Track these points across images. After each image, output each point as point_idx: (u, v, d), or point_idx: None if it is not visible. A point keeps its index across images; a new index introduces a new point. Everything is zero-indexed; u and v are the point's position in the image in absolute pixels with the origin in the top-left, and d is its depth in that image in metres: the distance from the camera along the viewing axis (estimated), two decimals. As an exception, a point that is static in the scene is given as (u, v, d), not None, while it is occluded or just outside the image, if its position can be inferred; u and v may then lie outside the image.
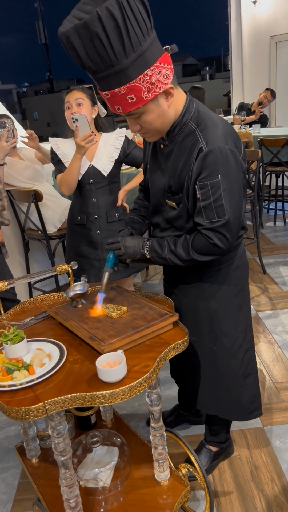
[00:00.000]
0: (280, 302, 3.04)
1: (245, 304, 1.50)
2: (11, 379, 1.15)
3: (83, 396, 1.07)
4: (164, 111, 1.20)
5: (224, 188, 1.21)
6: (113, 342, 1.23)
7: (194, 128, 1.24)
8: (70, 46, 1.07)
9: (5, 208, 2.17)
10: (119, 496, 1.43)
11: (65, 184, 2.05)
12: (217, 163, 1.19)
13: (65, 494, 1.24)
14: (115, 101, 1.15)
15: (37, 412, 1.04)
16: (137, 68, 1.08)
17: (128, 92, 1.11)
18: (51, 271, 1.64)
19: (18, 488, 1.74)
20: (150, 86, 1.12)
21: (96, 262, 2.18)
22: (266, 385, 2.20)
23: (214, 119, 1.24)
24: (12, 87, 46.17)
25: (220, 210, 1.22)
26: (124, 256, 1.43)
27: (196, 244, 1.29)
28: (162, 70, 1.12)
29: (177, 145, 1.29)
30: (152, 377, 1.14)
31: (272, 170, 4.44)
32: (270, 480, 1.66)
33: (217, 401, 1.56)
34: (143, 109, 1.17)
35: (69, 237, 2.28)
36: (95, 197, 2.12)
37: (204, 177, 1.21)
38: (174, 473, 1.47)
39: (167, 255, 1.35)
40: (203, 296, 1.45)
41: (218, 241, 1.25)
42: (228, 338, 1.47)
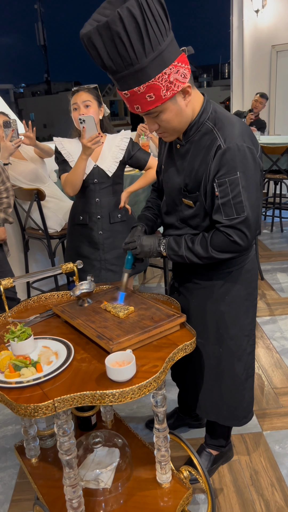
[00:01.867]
0: (278, 308, 3.06)
1: (252, 308, 1.50)
2: (18, 376, 1.14)
3: (92, 395, 1.06)
4: (182, 109, 1.21)
5: (242, 185, 1.21)
6: (121, 342, 1.22)
7: (211, 127, 1.25)
8: (92, 47, 1.09)
9: (11, 206, 2.16)
10: (120, 497, 1.42)
11: (69, 184, 2.04)
12: (235, 160, 1.20)
13: (68, 494, 1.22)
14: (134, 100, 1.16)
15: (46, 409, 1.03)
16: (156, 67, 1.10)
17: (147, 91, 1.13)
18: (56, 270, 1.63)
19: (16, 488, 1.72)
20: (169, 85, 1.13)
21: (97, 262, 2.18)
22: (265, 390, 2.21)
23: (231, 118, 1.26)
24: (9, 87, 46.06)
25: (239, 207, 1.23)
26: (141, 255, 1.44)
27: (215, 241, 1.29)
28: (180, 70, 1.14)
29: (194, 145, 1.30)
30: (161, 377, 1.14)
31: (271, 177, 4.47)
32: (270, 485, 1.65)
33: (218, 407, 1.56)
34: (162, 108, 1.18)
35: (69, 236, 2.27)
36: (98, 197, 2.12)
37: (223, 174, 1.22)
38: (175, 475, 1.46)
39: (184, 253, 1.35)
40: (212, 298, 1.45)
41: (238, 238, 1.26)
42: (234, 341, 1.47)
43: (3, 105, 3.45)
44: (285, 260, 3.94)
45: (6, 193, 2.13)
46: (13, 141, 2.38)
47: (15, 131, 2.39)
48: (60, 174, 2.14)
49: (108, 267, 2.18)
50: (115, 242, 2.17)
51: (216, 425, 1.67)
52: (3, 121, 2.41)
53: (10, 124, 2.39)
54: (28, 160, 2.89)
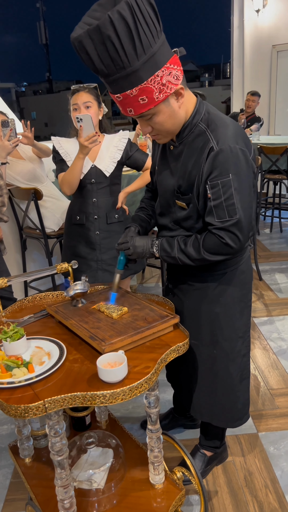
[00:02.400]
0: (276, 308, 3.05)
1: (247, 309, 1.49)
2: (10, 376, 1.14)
3: (83, 396, 1.06)
4: (175, 111, 1.21)
5: (235, 187, 1.21)
6: (113, 342, 1.22)
7: (204, 128, 1.25)
8: (83, 50, 1.08)
9: (4, 205, 2.16)
10: (113, 498, 1.42)
11: (66, 184, 2.04)
12: (228, 162, 1.20)
13: (60, 494, 1.22)
14: (127, 103, 1.16)
15: (37, 410, 1.03)
16: (148, 69, 1.09)
17: (139, 94, 1.12)
18: (51, 270, 1.63)
19: (10, 488, 1.72)
20: (161, 87, 1.13)
21: (93, 263, 2.17)
22: (261, 391, 2.20)
23: (224, 120, 1.25)
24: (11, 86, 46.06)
25: (231, 209, 1.23)
26: (133, 256, 1.44)
27: (207, 243, 1.29)
28: (172, 71, 1.14)
29: (187, 146, 1.29)
30: (153, 378, 1.14)
31: (270, 177, 4.46)
32: (264, 486, 1.65)
33: (212, 409, 1.56)
34: (155, 110, 1.18)
35: (66, 236, 2.27)
36: (95, 197, 2.12)
37: (215, 176, 1.22)
38: (169, 476, 1.46)
39: (177, 254, 1.35)
40: (206, 300, 1.45)
41: (230, 241, 1.25)
42: (228, 342, 1.47)
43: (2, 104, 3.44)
44: (284, 261, 3.94)
45: (0, 192, 2.13)
46: (11, 141, 2.38)
47: (13, 130, 2.39)
48: (57, 173, 2.14)
49: (104, 268, 2.18)
50: (112, 242, 2.17)
51: (211, 426, 1.66)
52: (1, 120, 2.40)
53: (8, 123, 2.39)
54: (26, 159, 2.89)
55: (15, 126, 2.39)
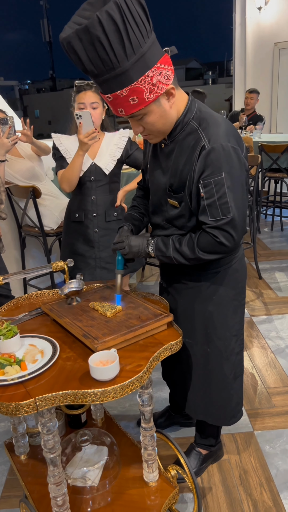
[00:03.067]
0: (275, 307, 3.05)
1: (240, 308, 1.49)
2: (3, 374, 1.15)
3: (74, 394, 1.06)
4: (166, 111, 1.20)
5: (228, 185, 1.21)
6: (106, 341, 1.22)
7: (196, 127, 1.24)
8: (72, 51, 1.08)
9: (2, 202, 2.16)
10: (107, 495, 1.43)
11: (66, 180, 2.05)
12: (220, 161, 1.19)
13: (52, 492, 1.23)
14: (118, 104, 1.16)
15: (28, 408, 1.03)
16: (138, 70, 1.09)
17: (130, 94, 1.12)
18: (47, 268, 1.63)
19: (5, 485, 1.73)
20: (152, 87, 1.12)
21: (92, 260, 2.18)
22: (258, 390, 2.20)
23: (216, 118, 1.25)
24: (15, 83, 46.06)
25: (224, 208, 1.22)
26: (129, 255, 1.44)
27: (202, 242, 1.29)
28: (163, 71, 1.13)
29: (178, 144, 1.29)
30: (145, 376, 1.14)
31: (271, 176, 4.45)
32: (259, 484, 1.65)
33: (206, 407, 1.56)
34: (145, 110, 1.17)
35: (65, 234, 2.28)
36: (94, 195, 2.12)
37: (208, 175, 1.21)
38: (163, 474, 1.47)
39: (172, 254, 1.35)
40: (199, 298, 1.45)
41: (224, 239, 1.25)
42: (222, 341, 1.47)
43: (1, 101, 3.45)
44: (285, 259, 3.93)
45: None
46: (10, 138, 2.38)
47: (12, 128, 2.39)
48: (57, 170, 2.14)
49: (103, 265, 2.19)
50: (111, 240, 2.17)
51: (206, 424, 1.67)
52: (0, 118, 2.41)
53: (7, 121, 2.39)
54: (25, 157, 2.89)
55: (14, 123, 2.39)
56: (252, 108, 5.37)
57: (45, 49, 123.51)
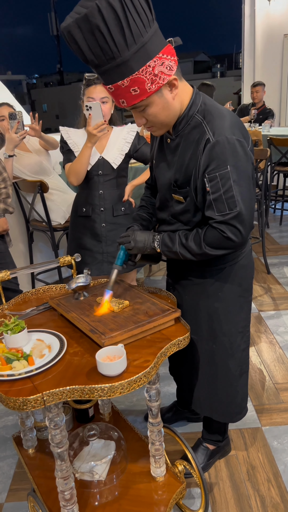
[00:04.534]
0: (283, 302, 3.03)
1: (247, 305, 1.48)
2: (10, 368, 1.15)
3: (81, 389, 1.06)
4: (168, 103, 1.18)
5: (234, 179, 1.18)
6: (113, 336, 1.22)
7: (200, 120, 1.22)
8: (72, 40, 1.06)
9: (9, 196, 2.16)
10: (114, 490, 1.43)
11: (74, 173, 2.04)
12: (225, 154, 1.17)
13: (60, 486, 1.23)
14: (119, 94, 1.14)
15: (35, 403, 1.03)
16: (139, 59, 1.07)
17: (131, 85, 1.10)
18: (54, 263, 1.63)
19: (14, 478, 1.75)
20: (153, 78, 1.10)
21: (99, 255, 2.17)
22: (266, 385, 2.19)
23: (221, 110, 1.23)
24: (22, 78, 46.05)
25: (231, 202, 1.20)
26: (134, 250, 1.41)
27: (209, 237, 1.26)
28: (165, 62, 1.10)
29: (184, 138, 1.27)
30: (152, 372, 1.13)
31: (280, 170, 4.41)
32: (266, 480, 1.65)
33: (212, 403, 1.56)
34: (147, 101, 1.15)
35: (72, 228, 2.27)
36: (102, 189, 2.11)
37: (213, 169, 1.19)
38: (170, 469, 1.47)
39: (178, 249, 1.33)
40: (205, 295, 1.44)
41: (231, 234, 1.23)
42: (227, 337, 1.46)
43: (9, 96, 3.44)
44: (293, 254, 3.90)
45: (4, 184, 2.13)
46: (18, 133, 2.38)
47: (20, 123, 2.39)
48: (64, 163, 2.13)
49: (110, 260, 2.18)
50: (118, 235, 2.16)
51: (213, 420, 1.66)
52: (9, 112, 2.41)
53: (16, 115, 2.39)
54: (33, 152, 2.88)
55: (22, 118, 2.39)
56: (261, 101, 5.31)
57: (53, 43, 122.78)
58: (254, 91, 5.26)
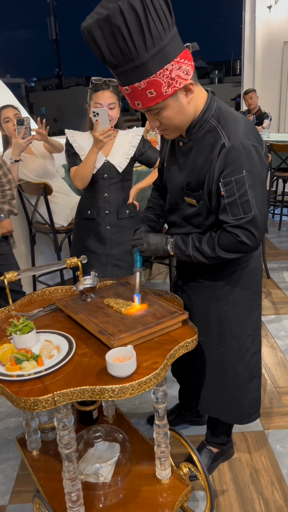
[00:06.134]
0: (284, 307, 3.04)
1: (256, 308, 1.48)
2: (20, 369, 1.15)
3: (92, 389, 1.06)
4: (183, 107, 1.19)
5: (249, 184, 1.19)
6: (122, 337, 1.22)
7: (215, 125, 1.23)
8: (92, 40, 1.07)
9: (14, 198, 2.17)
10: (119, 492, 1.43)
11: (79, 177, 2.05)
12: (240, 159, 1.18)
13: (67, 487, 1.23)
14: (135, 96, 1.15)
15: (46, 403, 1.04)
16: (158, 62, 1.08)
17: (148, 87, 1.11)
18: (61, 264, 1.63)
19: (17, 480, 1.74)
20: (170, 81, 1.11)
21: (103, 257, 2.18)
22: (267, 389, 2.20)
23: (236, 116, 1.24)
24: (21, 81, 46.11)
25: (246, 206, 1.21)
26: (146, 253, 1.42)
27: (222, 241, 1.27)
28: (182, 66, 1.11)
29: (197, 142, 1.28)
30: (162, 373, 1.14)
31: (279, 175, 4.44)
32: (270, 483, 1.65)
33: (219, 404, 1.56)
34: (163, 105, 1.16)
35: (76, 231, 2.28)
36: (107, 193, 2.12)
37: (228, 173, 1.20)
38: (175, 472, 1.47)
39: (191, 252, 1.34)
40: (215, 298, 1.45)
41: (246, 238, 1.24)
42: (236, 340, 1.47)
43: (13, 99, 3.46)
44: (292, 259, 3.92)
45: (9, 185, 2.14)
46: (25, 138, 2.40)
47: (27, 129, 2.41)
48: (70, 166, 2.14)
49: (114, 263, 2.19)
50: (122, 237, 2.17)
51: (217, 422, 1.66)
52: (17, 118, 2.42)
53: (23, 121, 2.40)
54: (38, 155, 2.89)
55: (30, 124, 2.40)
56: (256, 106, 5.37)
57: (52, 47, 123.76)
58: (247, 98, 5.34)
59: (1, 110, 2.65)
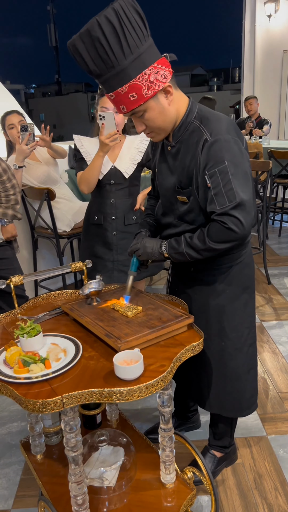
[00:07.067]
0: (285, 313, 3.05)
1: (251, 301, 1.55)
2: (27, 371, 1.16)
3: (100, 392, 1.07)
4: (164, 108, 1.28)
5: (232, 172, 1.26)
6: (129, 340, 1.23)
7: (198, 124, 1.32)
8: (77, 53, 1.19)
9: (18, 202, 2.19)
10: (124, 496, 1.43)
11: (85, 182, 2.06)
12: (222, 151, 1.26)
13: (73, 490, 1.23)
14: (120, 101, 1.24)
15: (54, 405, 1.04)
16: (136, 68, 1.19)
17: (129, 91, 1.21)
18: (66, 268, 1.64)
19: (20, 484, 1.74)
20: (149, 84, 1.21)
21: (110, 263, 2.19)
22: (270, 394, 2.20)
23: (218, 115, 1.33)
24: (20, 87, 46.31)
25: (230, 194, 1.26)
26: (143, 256, 1.47)
27: (211, 231, 1.32)
28: (160, 71, 1.22)
29: (184, 144, 1.36)
30: (168, 377, 1.15)
31: (280, 182, 4.47)
32: (274, 489, 1.65)
33: (221, 399, 1.59)
34: (145, 106, 1.25)
35: (84, 236, 2.29)
36: (114, 198, 2.13)
37: (212, 166, 1.27)
38: (179, 476, 1.47)
39: (184, 249, 1.38)
40: (215, 293, 1.50)
41: (233, 225, 1.28)
42: (235, 333, 1.52)
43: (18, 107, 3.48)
44: (293, 265, 3.93)
45: (13, 190, 2.15)
46: (29, 145, 2.41)
47: (31, 135, 2.43)
48: (77, 171, 2.15)
49: (120, 268, 2.19)
50: (129, 243, 2.16)
51: (219, 421, 1.68)
52: (21, 125, 2.44)
53: (27, 127, 2.42)
54: (42, 161, 2.91)
55: (33, 130, 2.42)
56: (256, 113, 5.42)
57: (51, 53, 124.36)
58: (247, 104, 5.40)
59: (6, 116, 2.67)
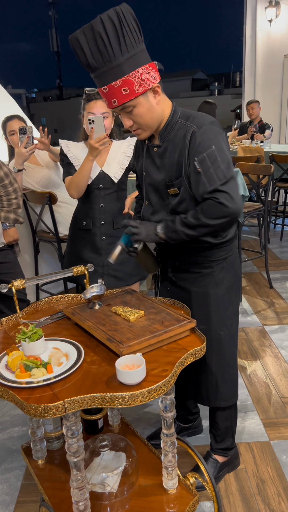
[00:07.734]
0: (287, 317, 3.04)
1: (238, 290, 1.65)
2: (29, 376, 1.15)
3: (102, 397, 1.06)
4: (152, 106, 1.35)
5: (219, 155, 1.34)
6: (131, 345, 1.23)
7: (183, 122, 1.40)
8: (78, 46, 1.28)
9: (20, 206, 2.19)
10: (126, 502, 1.42)
11: (74, 186, 2.06)
12: (209, 137, 1.35)
13: (75, 496, 1.22)
14: (112, 94, 1.31)
15: (56, 410, 1.04)
16: (130, 65, 1.28)
17: (122, 85, 1.29)
18: (68, 272, 1.64)
19: (21, 490, 1.72)
20: (141, 82, 1.30)
21: (99, 268, 2.18)
22: (272, 399, 2.19)
23: (202, 113, 1.43)
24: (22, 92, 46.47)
25: (219, 172, 1.33)
26: (140, 235, 1.48)
27: (204, 208, 1.36)
28: (150, 72, 1.32)
29: (170, 142, 1.42)
30: (171, 381, 1.14)
31: (281, 186, 4.46)
32: (277, 494, 1.64)
33: (220, 389, 1.61)
34: (135, 102, 1.32)
35: (71, 241, 2.28)
36: (102, 203, 2.13)
37: (200, 151, 1.35)
38: (182, 481, 1.46)
39: (179, 227, 1.41)
40: (213, 283, 1.55)
41: (224, 200, 1.33)
42: (230, 320, 1.59)
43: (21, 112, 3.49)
44: (294, 269, 3.93)
45: (15, 194, 2.15)
46: (28, 148, 2.41)
47: (30, 138, 2.42)
48: (64, 176, 2.15)
49: (110, 273, 2.18)
50: None
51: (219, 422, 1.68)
52: (19, 127, 2.44)
53: (26, 130, 2.42)
54: (43, 165, 2.91)
55: (32, 133, 2.42)
56: (258, 117, 5.44)
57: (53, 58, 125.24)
58: (249, 108, 5.42)
59: (7, 122, 2.67)
